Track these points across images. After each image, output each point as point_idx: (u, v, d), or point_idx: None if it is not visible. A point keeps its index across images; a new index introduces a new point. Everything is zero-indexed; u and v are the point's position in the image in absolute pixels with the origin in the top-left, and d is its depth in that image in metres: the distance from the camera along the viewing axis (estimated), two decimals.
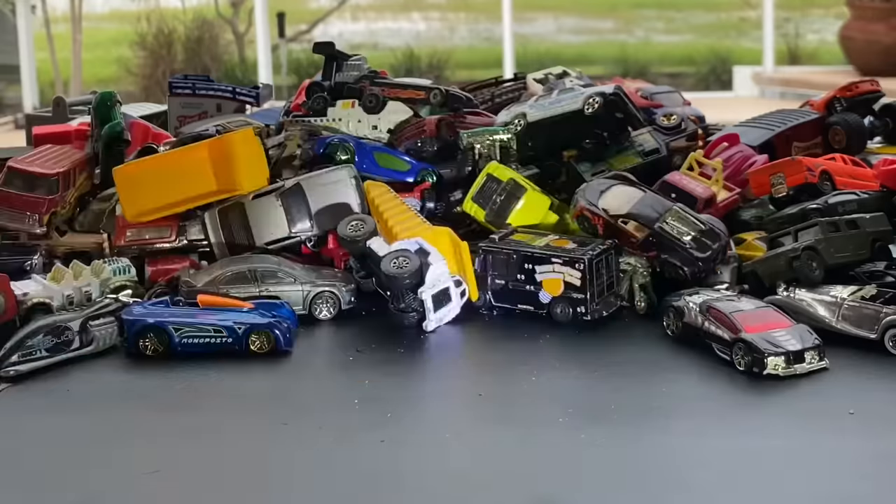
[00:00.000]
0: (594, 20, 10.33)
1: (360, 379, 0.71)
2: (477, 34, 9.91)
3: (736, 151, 1.34)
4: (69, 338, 0.93)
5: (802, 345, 0.80)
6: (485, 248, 0.98)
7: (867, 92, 1.45)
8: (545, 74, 1.53)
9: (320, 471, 0.60)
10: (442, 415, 0.68)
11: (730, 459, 0.64)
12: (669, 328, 0.85)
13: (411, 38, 9.73)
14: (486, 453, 0.64)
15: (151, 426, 0.69)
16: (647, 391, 0.74)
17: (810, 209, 1.10)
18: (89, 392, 0.76)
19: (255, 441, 0.65)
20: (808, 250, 0.98)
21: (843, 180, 1.22)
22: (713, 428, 0.68)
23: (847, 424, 0.68)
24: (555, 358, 0.82)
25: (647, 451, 0.64)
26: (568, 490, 0.59)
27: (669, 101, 1.58)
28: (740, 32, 9.68)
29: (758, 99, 6.97)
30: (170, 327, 0.94)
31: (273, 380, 0.77)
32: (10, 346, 0.95)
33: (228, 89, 2.24)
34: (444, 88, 1.38)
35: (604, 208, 1.02)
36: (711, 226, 1.03)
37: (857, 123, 1.37)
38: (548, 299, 0.93)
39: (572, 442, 0.65)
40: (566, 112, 1.24)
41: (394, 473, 0.59)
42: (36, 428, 0.69)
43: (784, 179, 1.17)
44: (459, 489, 0.58)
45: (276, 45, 8.76)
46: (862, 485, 0.60)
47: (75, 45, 8.96)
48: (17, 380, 0.79)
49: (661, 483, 0.60)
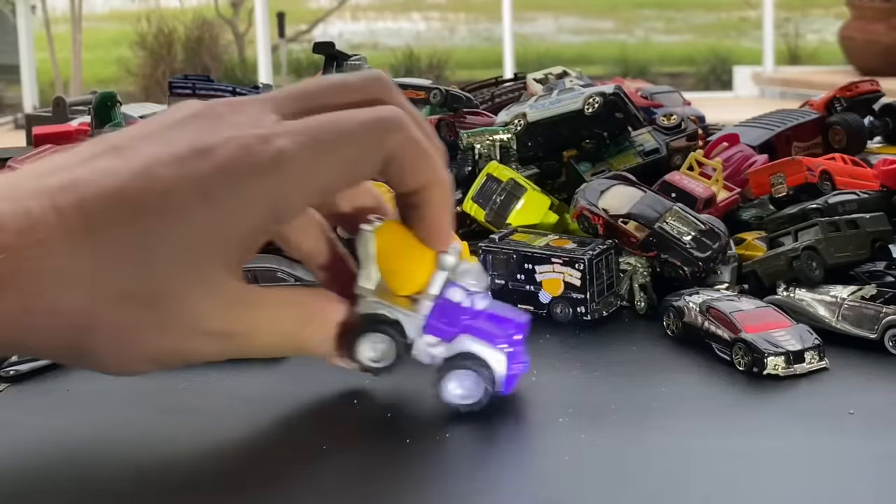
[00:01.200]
0: (594, 20, 10.34)
1: (360, 379, 0.71)
2: (477, 34, 9.92)
3: (736, 151, 1.35)
4: None
5: (802, 345, 0.81)
6: (485, 248, 0.99)
7: (867, 92, 1.45)
8: (545, 74, 1.54)
9: (320, 471, 0.61)
10: (442, 415, 0.68)
11: (730, 459, 0.64)
12: (669, 328, 0.85)
13: (411, 38, 9.75)
14: (486, 453, 0.64)
15: (151, 426, 0.69)
16: (647, 391, 0.74)
17: (810, 209, 1.10)
18: (89, 392, 0.76)
19: (255, 441, 0.65)
20: (808, 250, 0.98)
21: (843, 180, 1.22)
22: (713, 428, 0.69)
23: (847, 424, 0.68)
24: (555, 358, 0.82)
25: (648, 451, 0.64)
26: (568, 490, 0.59)
27: (669, 101, 1.58)
28: (740, 32, 9.70)
29: (758, 99, 7.00)
30: None
31: (273, 380, 0.77)
32: None
33: (228, 89, 2.25)
34: (444, 88, 1.38)
35: (604, 208, 1.02)
36: (711, 226, 1.03)
37: (857, 123, 1.37)
38: (548, 299, 0.94)
39: (572, 442, 0.65)
40: (566, 112, 1.24)
41: (394, 474, 0.59)
42: (36, 428, 0.69)
43: (784, 179, 1.17)
44: (459, 489, 0.58)
45: (276, 45, 8.78)
46: (862, 485, 0.60)
47: (75, 45, 8.98)
48: (17, 380, 0.79)
49: (662, 483, 0.60)
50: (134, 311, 0.52)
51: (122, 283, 0.52)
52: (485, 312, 0.66)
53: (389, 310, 0.64)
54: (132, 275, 0.52)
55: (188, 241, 0.53)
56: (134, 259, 0.52)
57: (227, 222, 0.54)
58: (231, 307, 0.56)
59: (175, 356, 0.56)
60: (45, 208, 0.51)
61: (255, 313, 0.57)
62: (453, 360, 0.64)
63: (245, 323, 0.57)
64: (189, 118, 0.57)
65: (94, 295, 0.52)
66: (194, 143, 0.54)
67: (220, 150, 0.54)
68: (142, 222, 0.52)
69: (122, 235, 0.52)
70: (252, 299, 0.57)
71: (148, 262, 0.52)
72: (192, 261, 0.54)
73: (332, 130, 0.57)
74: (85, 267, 0.51)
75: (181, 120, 0.57)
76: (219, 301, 0.55)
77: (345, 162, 0.57)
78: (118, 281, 0.52)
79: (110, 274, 0.52)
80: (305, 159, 0.55)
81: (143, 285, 0.52)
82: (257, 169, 0.54)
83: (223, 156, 0.54)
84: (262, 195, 0.54)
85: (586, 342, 0.88)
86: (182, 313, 0.54)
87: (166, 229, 0.52)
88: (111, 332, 0.53)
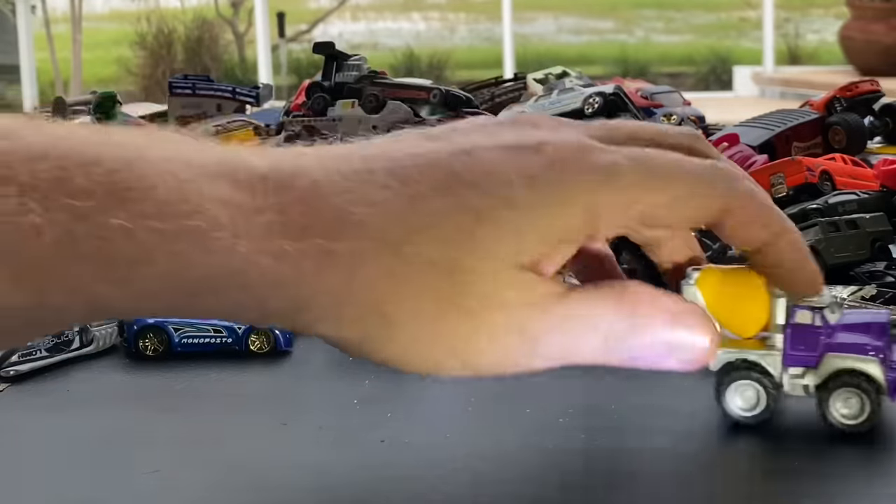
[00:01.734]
0: (594, 20, 10.34)
1: (360, 379, 0.71)
2: (477, 34, 9.92)
3: (736, 151, 1.35)
4: (69, 338, 0.93)
5: None
6: None
7: (867, 92, 1.45)
8: (545, 74, 1.53)
9: (320, 471, 0.61)
10: (442, 415, 0.68)
11: (730, 458, 0.64)
12: None
13: (411, 39, 9.75)
14: (487, 453, 0.64)
15: (151, 426, 0.69)
16: (647, 391, 0.74)
17: (810, 209, 1.10)
18: (89, 392, 0.76)
19: (255, 441, 0.65)
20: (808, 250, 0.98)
21: (843, 180, 1.22)
22: (713, 427, 0.68)
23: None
24: None
25: (648, 451, 0.64)
26: (568, 490, 0.59)
27: (669, 101, 1.58)
28: (740, 32, 9.70)
29: (758, 99, 6.99)
30: (170, 327, 0.94)
31: (273, 380, 0.77)
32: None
33: (228, 89, 2.24)
34: (444, 88, 1.38)
35: None
36: None
37: (857, 123, 1.37)
38: None
39: (572, 442, 0.65)
40: (566, 112, 1.24)
41: (394, 474, 0.59)
42: (36, 428, 0.69)
43: (784, 179, 1.17)
44: (460, 490, 0.58)
45: (276, 45, 8.78)
46: (860, 484, 0.60)
47: (75, 45, 8.98)
48: (17, 380, 0.79)
49: (662, 483, 0.60)
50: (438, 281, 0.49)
51: (432, 250, 0.48)
52: (840, 325, 0.62)
53: (744, 354, 0.61)
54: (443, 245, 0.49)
55: (506, 225, 0.50)
56: (446, 229, 0.49)
57: (546, 217, 0.51)
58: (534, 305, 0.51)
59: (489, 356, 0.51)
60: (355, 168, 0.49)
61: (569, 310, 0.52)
62: (826, 384, 0.62)
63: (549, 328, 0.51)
64: (504, 122, 0.54)
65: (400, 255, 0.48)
66: (521, 138, 0.52)
67: (552, 147, 0.51)
68: (462, 195, 0.49)
69: (440, 207, 0.49)
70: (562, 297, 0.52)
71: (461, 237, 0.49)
72: (506, 245, 0.50)
73: (664, 162, 0.54)
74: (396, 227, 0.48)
75: (497, 122, 0.55)
76: (528, 293, 0.51)
77: (675, 196, 0.54)
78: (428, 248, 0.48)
79: (421, 240, 0.48)
80: (637, 178, 0.52)
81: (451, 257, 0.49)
82: (590, 171, 0.51)
83: (556, 153, 0.51)
84: (586, 199, 0.51)
85: None
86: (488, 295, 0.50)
87: (486, 209, 0.49)
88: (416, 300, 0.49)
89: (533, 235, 0.51)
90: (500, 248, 0.50)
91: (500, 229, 0.50)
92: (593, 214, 0.52)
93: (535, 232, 0.51)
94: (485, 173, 0.50)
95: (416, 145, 0.52)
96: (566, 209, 0.51)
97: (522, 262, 0.51)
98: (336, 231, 0.48)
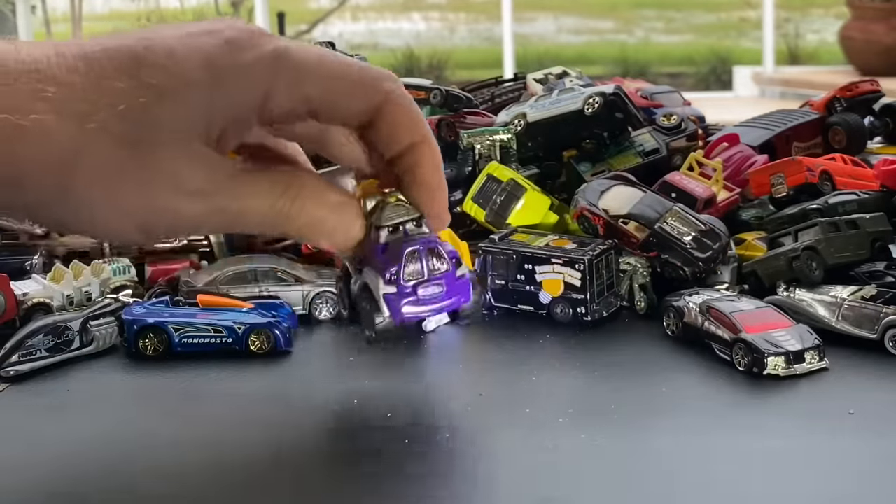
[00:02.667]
0: (594, 20, 10.34)
1: (360, 379, 0.71)
2: (477, 34, 9.92)
3: (736, 151, 1.34)
4: (69, 338, 0.93)
5: (802, 345, 0.81)
6: (485, 248, 0.98)
7: (867, 92, 1.45)
8: (545, 74, 1.54)
9: (320, 471, 0.61)
10: (442, 415, 0.68)
11: (730, 459, 0.64)
12: (669, 328, 0.85)
13: (411, 39, 9.75)
14: (487, 453, 0.64)
15: (151, 426, 0.69)
16: (647, 391, 0.74)
17: (810, 209, 1.10)
18: (89, 392, 0.76)
19: (255, 441, 0.65)
20: (808, 250, 0.98)
21: (843, 180, 1.22)
22: (713, 427, 0.69)
23: (847, 424, 0.68)
24: (555, 358, 0.82)
25: (648, 451, 0.64)
26: (568, 490, 0.59)
27: (669, 101, 1.58)
28: (740, 32, 9.70)
29: (758, 99, 6.99)
30: (170, 327, 0.94)
31: (273, 380, 0.77)
32: (10, 346, 0.95)
33: None
34: (444, 88, 1.38)
35: (604, 209, 1.02)
36: (711, 226, 1.03)
37: (857, 123, 1.37)
38: (548, 299, 0.94)
39: (572, 442, 0.65)
40: (566, 112, 1.24)
41: (394, 474, 0.59)
42: (36, 428, 0.69)
43: (784, 179, 1.17)
44: (460, 490, 0.58)
45: None
46: (862, 485, 0.60)
47: None
48: (17, 380, 0.79)
49: (662, 483, 0.60)
50: (118, 153, 0.54)
51: (114, 125, 0.54)
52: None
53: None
54: (124, 120, 0.54)
55: (183, 102, 0.56)
56: (128, 106, 0.54)
57: (222, 95, 0.57)
58: (212, 171, 0.58)
59: (160, 217, 0.57)
60: (47, 53, 0.54)
61: (236, 181, 0.58)
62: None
63: (226, 190, 0.58)
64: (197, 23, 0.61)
65: (84, 129, 0.54)
66: (202, 27, 0.58)
67: (227, 30, 0.58)
68: (145, 76, 0.55)
69: (123, 86, 0.54)
70: (233, 170, 0.58)
71: (141, 113, 0.55)
72: (183, 121, 0.56)
73: (333, 54, 0.60)
74: (81, 103, 0.54)
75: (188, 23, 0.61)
76: (200, 164, 0.57)
77: (339, 86, 0.60)
78: (110, 122, 0.54)
79: (104, 116, 0.54)
80: (304, 65, 0.58)
81: (131, 131, 0.55)
82: (258, 51, 0.57)
83: (230, 34, 0.57)
84: (257, 78, 0.57)
85: (586, 342, 0.88)
86: (163, 167, 0.56)
87: (165, 87, 0.55)
88: (96, 170, 0.54)
89: (209, 112, 0.57)
90: (179, 124, 0.56)
91: (179, 106, 0.56)
92: (263, 94, 0.58)
93: (212, 109, 0.57)
94: (166, 55, 0.56)
95: (108, 38, 0.58)
96: (240, 87, 0.58)
97: (200, 137, 0.57)
98: (26, 107, 0.53)
